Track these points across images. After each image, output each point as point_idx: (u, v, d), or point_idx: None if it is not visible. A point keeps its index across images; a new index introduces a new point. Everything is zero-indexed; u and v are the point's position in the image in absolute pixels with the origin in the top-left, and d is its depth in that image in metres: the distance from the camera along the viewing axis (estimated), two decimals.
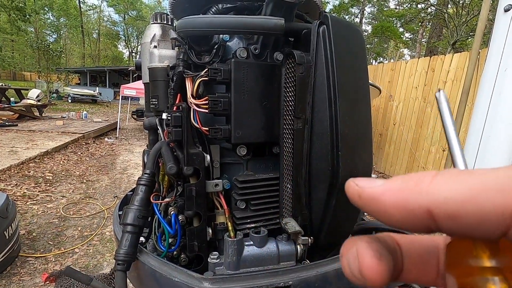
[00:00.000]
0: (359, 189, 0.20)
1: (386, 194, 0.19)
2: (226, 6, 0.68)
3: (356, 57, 0.62)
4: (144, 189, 0.62)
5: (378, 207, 0.19)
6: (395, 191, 0.19)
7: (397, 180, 0.19)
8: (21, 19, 16.61)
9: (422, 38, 17.78)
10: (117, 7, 37.61)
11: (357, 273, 0.20)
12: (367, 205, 0.20)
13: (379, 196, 0.19)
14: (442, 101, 0.24)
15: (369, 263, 0.20)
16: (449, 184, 0.17)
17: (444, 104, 0.24)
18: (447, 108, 0.24)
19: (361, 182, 0.21)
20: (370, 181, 0.20)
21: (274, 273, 0.55)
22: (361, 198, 0.20)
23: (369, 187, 0.20)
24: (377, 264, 0.20)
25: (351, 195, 0.21)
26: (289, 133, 0.62)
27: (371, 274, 0.20)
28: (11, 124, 8.30)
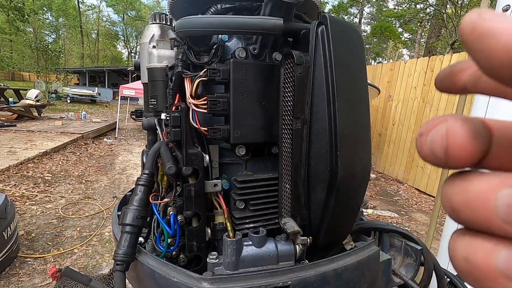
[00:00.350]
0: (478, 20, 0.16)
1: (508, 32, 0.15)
2: (225, 6, 0.69)
3: (354, 57, 0.62)
4: (143, 189, 0.62)
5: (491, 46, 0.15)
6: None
7: None
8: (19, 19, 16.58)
9: (421, 38, 17.83)
10: (116, 7, 37.58)
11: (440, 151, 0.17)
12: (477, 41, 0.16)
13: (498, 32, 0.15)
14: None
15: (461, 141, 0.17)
16: None
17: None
18: None
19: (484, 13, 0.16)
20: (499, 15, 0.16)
21: (273, 273, 0.56)
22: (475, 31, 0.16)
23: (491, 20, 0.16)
24: (471, 144, 0.17)
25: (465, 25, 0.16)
26: (288, 133, 0.62)
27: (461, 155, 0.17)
28: (10, 125, 8.28)
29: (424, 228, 4.04)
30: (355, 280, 0.61)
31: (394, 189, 5.67)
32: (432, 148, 0.18)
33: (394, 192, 5.55)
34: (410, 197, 5.30)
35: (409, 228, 4.03)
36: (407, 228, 3.98)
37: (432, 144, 0.18)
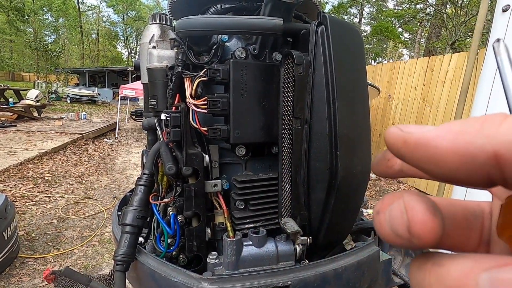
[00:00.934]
0: (405, 134, 0.17)
1: (442, 137, 0.16)
2: (224, 7, 0.69)
3: (354, 57, 0.62)
4: (143, 189, 0.63)
5: (429, 153, 0.16)
6: (454, 133, 0.16)
7: (455, 123, 0.16)
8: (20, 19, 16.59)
9: (421, 38, 17.83)
10: (116, 7, 37.58)
11: (403, 230, 0.17)
12: (414, 152, 0.17)
13: (432, 139, 0.16)
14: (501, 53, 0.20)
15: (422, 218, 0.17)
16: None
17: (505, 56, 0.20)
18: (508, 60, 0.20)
19: (406, 127, 0.18)
20: (416, 126, 0.18)
21: (273, 273, 0.56)
22: (406, 143, 0.17)
23: (417, 131, 0.17)
24: (432, 220, 0.17)
25: (394, 141, 0.18)
26: (288, 133, 0.62)
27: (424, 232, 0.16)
28: (10, 125, 8.28)
29: None
30: (355, 280, 0.61)
31: (394, 189, 5.67)
32: (393, 225, 0.18)
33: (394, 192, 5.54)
34: None
35: None
36: None
37: (392, 221, 0.18)
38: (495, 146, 0.15)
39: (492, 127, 0.15)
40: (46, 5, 29.48)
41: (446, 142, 0.16)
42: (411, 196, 0.18)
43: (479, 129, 0.15)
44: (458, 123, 0.16)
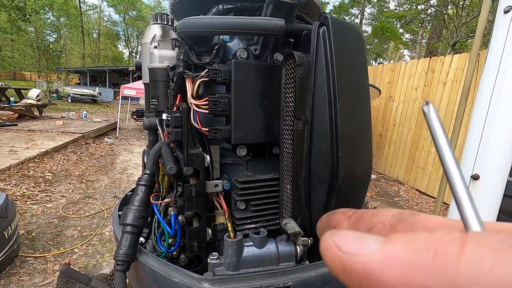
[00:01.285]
0: (345, 257, 0.14)
1: (387, 270, 0.13)
2: (226, 7, 0.69)
3: (356, 58, 0.62)
4: (144, 189, 0.63)
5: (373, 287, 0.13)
6: (403, 265, 0.13)
7: (404, 244, 0.13)
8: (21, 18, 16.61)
9: (422, 39, 17.80)
10: (117, 7, 37.61)
11: None
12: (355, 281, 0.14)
13: (375, 271, 0.13)
14: (432, 117, 0.18)
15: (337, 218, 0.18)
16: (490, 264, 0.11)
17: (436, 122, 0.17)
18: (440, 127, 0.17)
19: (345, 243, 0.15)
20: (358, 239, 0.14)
21: (274, 273, 0.56)
22: (347, 271, 0.14)
23: (360, 253, 0.14)
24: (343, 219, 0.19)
25: (332, 264, 0.15)
26: (289, 134, 0.62)
27: None
28: (11, 124, 8.29)
29: None
30: None
31: (395, 190, 5.66)
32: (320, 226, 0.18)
33: (395, 193, 5.54)
34: (411, 198, 5.29)
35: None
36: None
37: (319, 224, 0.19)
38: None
39: (449, 263, 0.12)
40: (47, 4, 29.55)
41: (392, 278, 0.13)
42: None
43: (432, 265, 0.12)
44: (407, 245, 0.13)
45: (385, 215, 0.19)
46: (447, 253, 0.12)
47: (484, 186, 1.47)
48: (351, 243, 0.14)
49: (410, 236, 0.14)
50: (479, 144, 1.47)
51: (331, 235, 0.15)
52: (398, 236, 0.14)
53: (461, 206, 0.16)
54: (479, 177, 1.47)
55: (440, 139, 0.17)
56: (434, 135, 0.17)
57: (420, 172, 5.47)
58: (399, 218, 0.19)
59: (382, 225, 0.19)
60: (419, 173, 5.49)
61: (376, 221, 0.19)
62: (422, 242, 0.13)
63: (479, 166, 1.48)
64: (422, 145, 5.34)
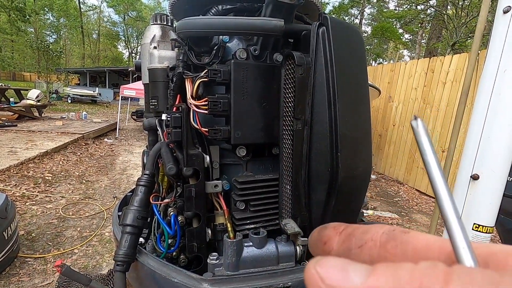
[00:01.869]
0: None
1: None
2: (225, 7, 0.69)
3: (355, 58, 0.62)
4: (144, 190, 0.63)
5: None
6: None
7: (387, 278, 0.13)
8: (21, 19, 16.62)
9: (421, 39, 17.82)
10: (117, 7, 37.63)
11: None
12: None
13: None
14: (420, 133, 0.17)
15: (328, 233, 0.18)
16: None
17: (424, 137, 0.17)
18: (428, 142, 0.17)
19: (328, 275, 0.14)
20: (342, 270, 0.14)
21: (273, 274, 0.55)
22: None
23: (343, 286, 0.14)
24: None
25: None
26: (288, 134, 0.62)
27: None
28: (11, 125, 8.28)
29: (424, 229, 4.03)
30: None
31: (395, 190, 5.66)
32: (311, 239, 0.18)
33: (395, 193, 5.54)
34: (411, 198, 5.29)
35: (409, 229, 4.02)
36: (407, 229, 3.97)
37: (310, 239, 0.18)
38: None
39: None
40: (47, 5, 29.56)
41: None
42: None
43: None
44: (389, 280, 0.13)
45: (376, 232, 0.19)
46: None
47: (484, 186, 1.47)
48: (335, 275, 0.14)
49: (394, 268, 0.13)
50: (479, 144, 1.47)
51: (315, 264, 0.15)
52: (383, 268, 0.14)
53: (452, 236, 0.15)
54: (479, 177, 1.47)
55: (428, 156, 0.17)
56: (422, 151, 0.17)
57: (420, 172, 5.47)
58: (389, 236, 0.19)
59: (373, 243, 0.19)
60: (419, 173, 5.49)
61: (367, 238, 0.20)
62: (405, 276, 0.13)
63: (479, 166, 1.48)
64: None
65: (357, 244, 0.19)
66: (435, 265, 0.13)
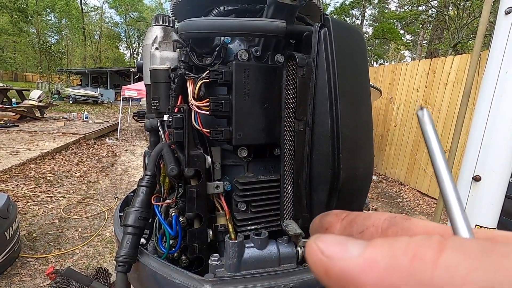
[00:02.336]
0: (327, 261, 0.15)
1: (366, 274, 0.13)
2: (227, 9, 0.69)
3: (357, 59, 0.62)
4: (145, 190, 0.63)
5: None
6: (381, 269, 0.13)
7: (383, 249, 0.14)
8: (23, 20, 16.70)
9: (423, 40, 17.79)
10: (118, 8, 37.74)
11: None
12: (337, 286, 0.14)
13: (355, 275, 0.14)
14: (426, 122, 0.18)
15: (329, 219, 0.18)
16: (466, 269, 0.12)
17: (429, 126, 0.18)
18: (433, 131, 0.18)
19: (328, 248, 0.15)
20: (341, 243, 0.15)
21: (275, 275, 0.55)
22: (329, 275, 0.15)
23: (341, 257, 0.14)
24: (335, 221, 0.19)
25: (315, 268, 0.15)
26: (290, 135, 0.62)
27: None
28: (13, 125, 8.32)
29: None
30: None
31: (396, 191, 5.65)
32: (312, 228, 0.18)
33: (396, 194, 5.53)
34: (412, 199, 5.27)
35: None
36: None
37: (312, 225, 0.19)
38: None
39: (425, 268, 0.12)
40: (49, 6, 29.71)
41: (370, 282, 0.13)
42: None
43: (409, 269, 0.13)
44: (386, 248, 0.14)
45: (378, 218, 0.19)
46: (424, 258, 0.12)
47: (486, 187, 1.47)
48: (334, 247, 0.15)
49: (390, 241, 0.14)
50: (481, 145, 1.46)
51: (315, 239, 0.16)
52: (379, 241, 0.14)
53: (450, 211, 0.16)
54: (480, 178, 1.47)
55: (433, 144, 0.17)
56: (427, 140, 0.18)
57: (421, 173, 5.46)
58: (391, 222, 0.19)
59: (374, 229, 0.19)
60: (420, 174, 5.48)
61: (368, 224, 0.20)
62: (401, 247, 0.13)
63: (481, 167, 1.47)
64: (423, 146, 5.33)
65: (358, 230, 0.20)
66: (430, 237, 0.13)
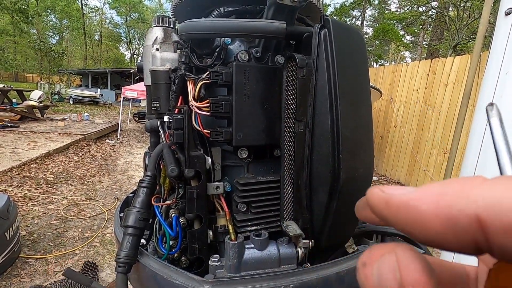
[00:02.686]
0: (386, 195, 0.17)
1: (423, 199, 0.15)
2: (227, 10, 0.69)
3: (357, 60, 0.63)
4: (145, 191, 0.63)
5: (412, 216, 0.15)
6: (435, 195, 0.15)
7: (435, 185, 0.16)
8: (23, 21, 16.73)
9: (423, 41, 17.80)
10: (119, 9, 37.81)
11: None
12: (396, 214, 0.16)
13: (413, 202, 0.16)
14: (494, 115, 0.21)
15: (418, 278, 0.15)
16: (506, 188, 0.14)
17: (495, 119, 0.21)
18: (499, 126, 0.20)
19: (388, 189, 0.17)
20: (398, 187, 0.17)
21: (275, 276, 0.55)
22: (388, 205, 0.17)
23: (399, 193, 0.17)
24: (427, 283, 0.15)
25: (376, 202, 0.18)
26: (290, 136, 0.62)
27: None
28: (13, 125, 8.32)
29: None
30: (357, 284, 0.60)
31: None
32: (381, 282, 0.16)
33: None
34: None
35: None
36: None
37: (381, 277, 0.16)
38: (477, 209, 0.14)
39: (472, 188, 0.14)
40: (50, 6, 29.76)
41: (427, 205, 0.15)
42: (405, 252, 0.17)
43: (459, 191, 0.15)
44: (438, 184, 0.16)
45: None
46: (472, 182, 0.15)
47: None
48: (393, 188, 0.17)
49: (441, 183, 0.16)
50: (481, 145, 1.46)
51: (377, 187, 0.18)
52: (431, 184, 0.16)
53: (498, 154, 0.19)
54: None
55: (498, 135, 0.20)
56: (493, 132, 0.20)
57: (421, 174, 5.45)
58: None
59: None
60: (421, 175, 5.47)
61: None
62: (450, 185, 0.15)
63: (481, 168, 1.47)
64: (424, 147, 5.33)
65: None
66: (478, 177, 0.15)
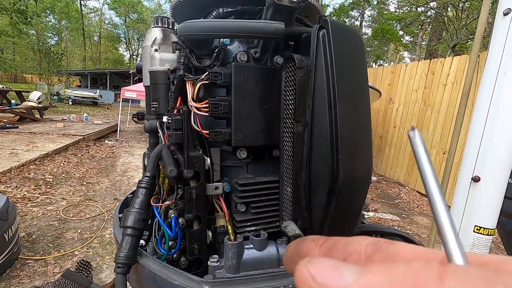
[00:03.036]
0: None
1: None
2: (226, 10, 0.69)
3: (355, 60, 0.63)
4: (145, 192, 0.63)
5: None
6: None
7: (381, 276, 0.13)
8: (22, 21, 16.69)
9: (422, 41, 17.83)
10: (118, 10, 37.78)
11: None
12: None
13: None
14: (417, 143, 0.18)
15: None
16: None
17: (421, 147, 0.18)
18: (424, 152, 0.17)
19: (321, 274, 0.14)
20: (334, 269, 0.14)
21: (274, 276, 0.55)
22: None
23: (335, 285, 0.13)
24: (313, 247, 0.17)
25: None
26: (289, 137, 0.62)
27: None
28: (12, 126, 8.31)
29: (425, 231, 4.02)
30: None
31: (396, 192, 5.65)
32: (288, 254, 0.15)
33: (396, 195, 5.53)
34: (412, 200, 5.27)
35: (410, 231, 4.01)
36: (408, 231, 3.97)
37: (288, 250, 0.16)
38: None
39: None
40: (49, 7, 29.74)
41: None
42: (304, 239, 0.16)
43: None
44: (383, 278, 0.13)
45: (360, 244, 0.18)
46: (426, 286, 0.12)
47: (485, 188, 1.47)
48: (327, 273, 0.14)
49: (387, 267, 0.13)
50: (480, 145, 1.47)
51: (306, 263, 0.15)
52: (376, 267, 0.13)
53: (444, 237, 0.15)
54: (479, 179, 1.47)
55: (425, 165, 0.17)
56: (419, 161, 0.17)
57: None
58: (375, 248, 0.18)
59: (358, 255, 0.18)
60: None
61: (350, 250, 0.18)
62: (400, 274, 0.13)
63: (480, 168, 1.47)
64: None
65: (340, 257, 0.18)
66: (429, 263, 0.13)
